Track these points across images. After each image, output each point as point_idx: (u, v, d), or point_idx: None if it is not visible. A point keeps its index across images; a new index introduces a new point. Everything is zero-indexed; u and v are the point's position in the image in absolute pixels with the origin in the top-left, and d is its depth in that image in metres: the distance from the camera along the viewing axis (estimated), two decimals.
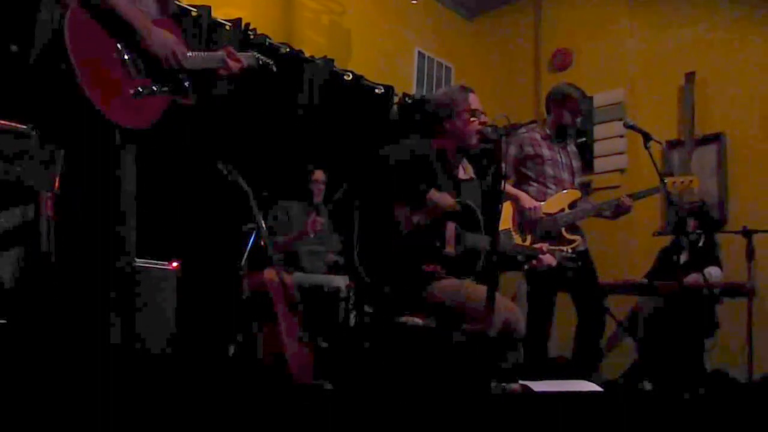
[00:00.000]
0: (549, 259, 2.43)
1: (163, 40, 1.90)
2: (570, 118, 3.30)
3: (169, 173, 3.74)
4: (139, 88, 1.85)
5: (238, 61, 2.14)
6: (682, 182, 3.18)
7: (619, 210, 3.16)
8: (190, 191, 3.88)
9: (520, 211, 3.00)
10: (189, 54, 2.01)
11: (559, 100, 3.31)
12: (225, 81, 2.09)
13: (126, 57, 1.83)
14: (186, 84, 2.00)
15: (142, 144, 1.98)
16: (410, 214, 2.24)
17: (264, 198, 3.71)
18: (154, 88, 1.91)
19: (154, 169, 3.18)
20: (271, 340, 3.25)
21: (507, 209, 2.95)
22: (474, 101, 2.47)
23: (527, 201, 3.03)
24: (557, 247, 2.53)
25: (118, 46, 1.81)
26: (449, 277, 2.29)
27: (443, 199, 2.28)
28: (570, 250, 2.56)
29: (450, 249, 2.25)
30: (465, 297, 2.21)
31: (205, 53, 2.13)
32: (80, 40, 1.69)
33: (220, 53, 2.14)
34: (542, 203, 3.07)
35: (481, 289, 2.02)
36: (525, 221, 2.98)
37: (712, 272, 3.85)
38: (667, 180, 3.14)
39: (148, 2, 1.97)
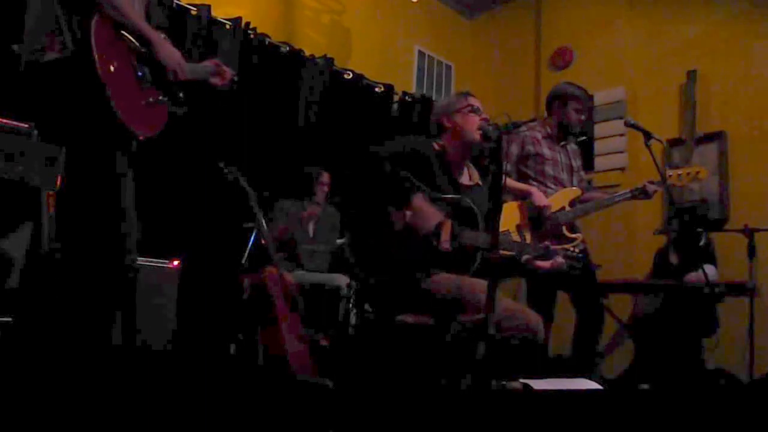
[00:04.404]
0: (558, 261, 2.39)
1: (172, 53, 1.99)
2: (572, 117, 3.28)
3: (170, 172, 3.74)
4: (150, 99, 1.95)
5: (225, 73, 2.24)
6: (689, 174, 3.12)
7: (643, 195, 3.12)
8: (191, 190, 3.88)
9: (531, 207, 2.88)
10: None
11: (561, 99, 3.30)
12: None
13: (138, 68, 1.91)
14: (180, 95, 2.07)
15: (144, 144, 2.02)
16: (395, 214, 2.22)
17: (265, 198, 3.72)
18: (160, 98, 2.01)
19: (155, 168, 3.18)
20: (271, 339, 3.26)
21: (508, 210, 2.88)
22: (473, 101, 2.50)
23: (539, 198, 2.92)
24: (561, 246, 2.49)
25: (133, 57, 1.87)
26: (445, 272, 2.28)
27: (426, 221, 2.22)
28: (576, 250, 2.52)
29: (445, 244, 2.22)
30: (464, 289, 2.19)
31: (196, 64, 2.22)
32: (104, 50, 1.74)
33: (209, 64, 2.23)
34: None
35: (481, 282, 2.01)
36: (535, 218, 2.87)
37: (708, 271, 3.85)
38: (673, 172, 3.11)
39: (141, 14, 2.01)
